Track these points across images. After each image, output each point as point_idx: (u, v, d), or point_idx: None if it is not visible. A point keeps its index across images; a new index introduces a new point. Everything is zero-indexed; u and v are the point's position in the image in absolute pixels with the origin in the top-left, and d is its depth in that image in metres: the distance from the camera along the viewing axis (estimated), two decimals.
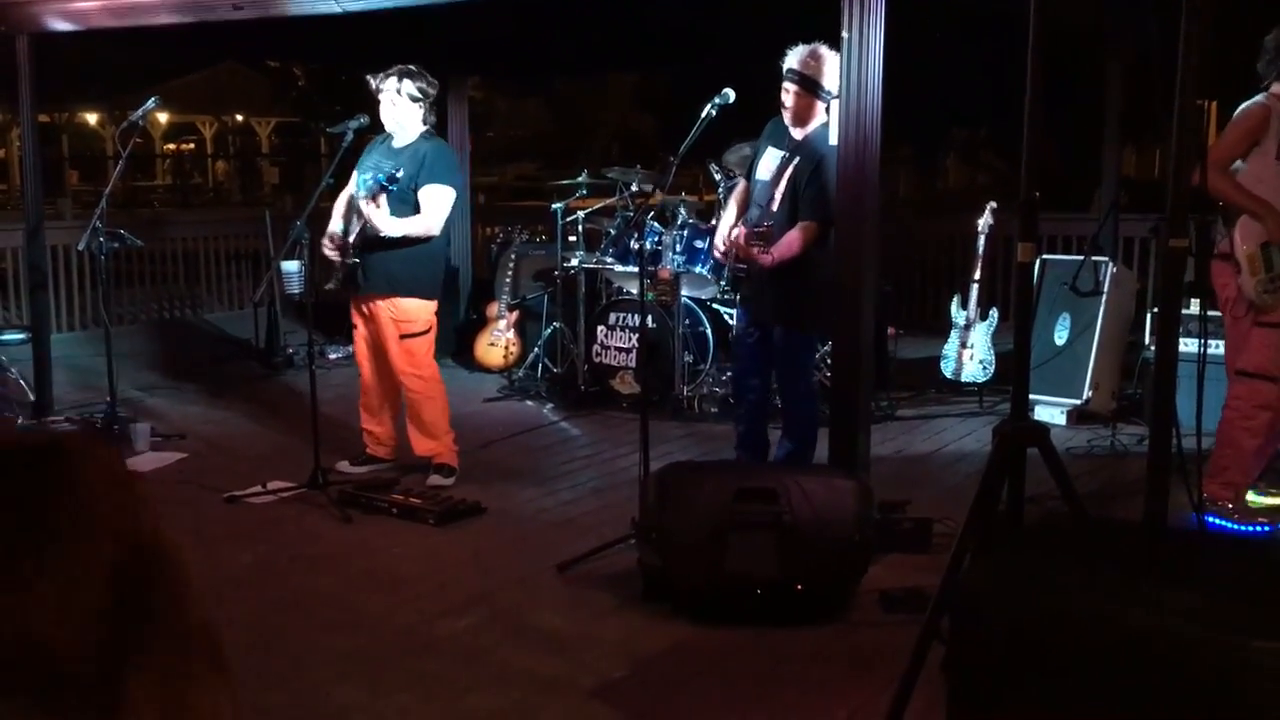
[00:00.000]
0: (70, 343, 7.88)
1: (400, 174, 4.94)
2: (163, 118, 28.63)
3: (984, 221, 6.73)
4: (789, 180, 4.68)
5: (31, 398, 6.49)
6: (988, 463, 2.79)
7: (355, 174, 5.24)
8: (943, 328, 7.11)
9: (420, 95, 5.07)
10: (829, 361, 7.10)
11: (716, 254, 5.21)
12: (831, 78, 4.55)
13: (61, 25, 6.36)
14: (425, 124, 5.14)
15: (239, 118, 31.74)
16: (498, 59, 9.65)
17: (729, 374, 6.18)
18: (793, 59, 4.64)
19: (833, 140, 4.24)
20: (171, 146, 32.90)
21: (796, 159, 4.67)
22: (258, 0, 5.52)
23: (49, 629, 0.65)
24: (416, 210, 5.04)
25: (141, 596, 0.69)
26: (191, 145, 33.66)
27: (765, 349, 4.88)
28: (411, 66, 5.08)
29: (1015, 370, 2.89)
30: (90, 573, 0.67)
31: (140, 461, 5.72)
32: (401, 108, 5.06)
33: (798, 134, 4.72)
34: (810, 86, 4.62)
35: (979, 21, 6.84)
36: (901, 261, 9.32)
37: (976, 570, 2.49)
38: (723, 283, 6.35)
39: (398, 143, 5.16)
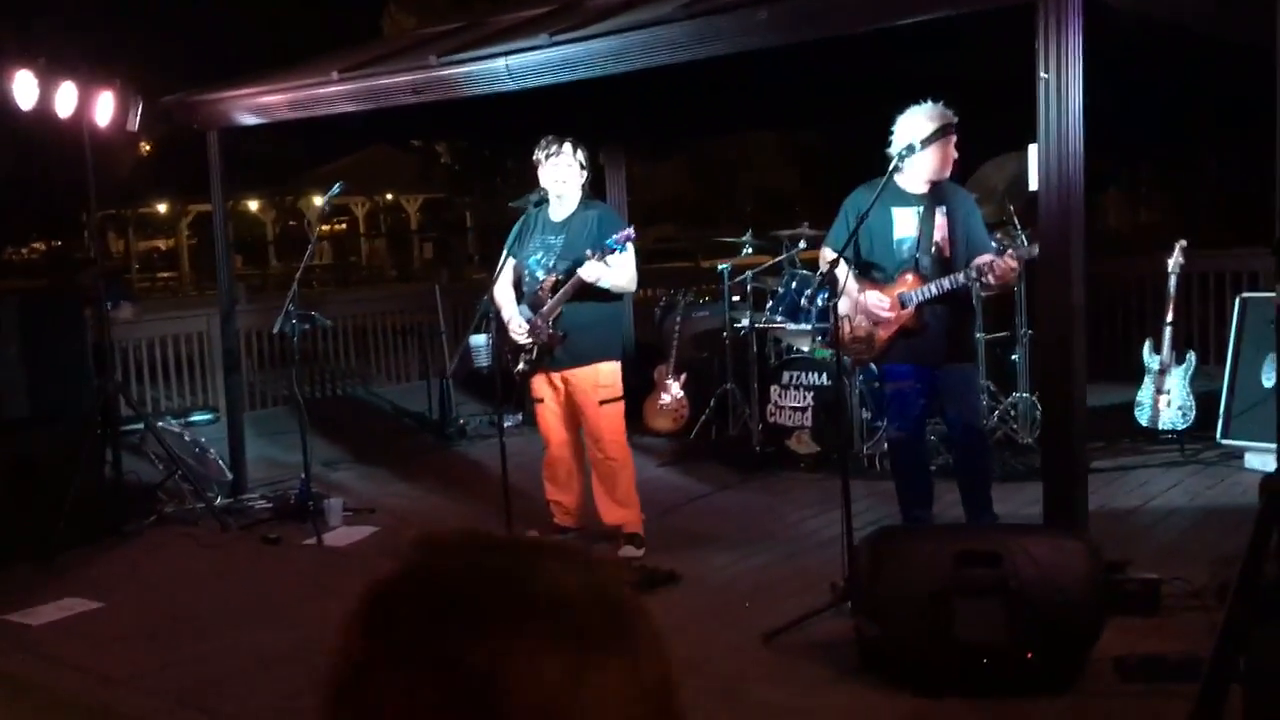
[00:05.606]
0: (246, 422, 8.13)
1: (630, 231, 4.93)
2: (318, 201, 29.92)
3: (1174, 261, 6.42)
4: (948, 223, 4.78)
5: (229, 477, 6.72)
6: (1256, 521, 2.60)
7: (508, 255, 5.22)
8: (1130, 373, 6.78)
9: (586, 163, 5.11)
10: (1011, 414, 6.89)
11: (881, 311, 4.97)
12: None
13: (249, 119, 6.63)
14: (582, 191, 5.16)
15: (389, 196, 33.01)
16: (643, 126, 9.73)
17: (886, 430, 5.85)
18: (944, 119, 4.67)
19: (1034, 186, 4.12)
20: (326, 228, 34.35)
21: (944, 204, 4.79)
22: (436, 84, 5.63)
23: None
24: None
25: None
26: (344, 225, 35.12)
27: (925, 400, 4.99)
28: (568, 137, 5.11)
29: None
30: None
31: (335, 536, 5.85)
32: (574, 174, 5.06)
33: (926, 185, 4.80)
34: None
35: (1143, 55, 6.58)
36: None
37: (1271, 640, 2.31)
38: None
39: (558, 214, 5.12)
